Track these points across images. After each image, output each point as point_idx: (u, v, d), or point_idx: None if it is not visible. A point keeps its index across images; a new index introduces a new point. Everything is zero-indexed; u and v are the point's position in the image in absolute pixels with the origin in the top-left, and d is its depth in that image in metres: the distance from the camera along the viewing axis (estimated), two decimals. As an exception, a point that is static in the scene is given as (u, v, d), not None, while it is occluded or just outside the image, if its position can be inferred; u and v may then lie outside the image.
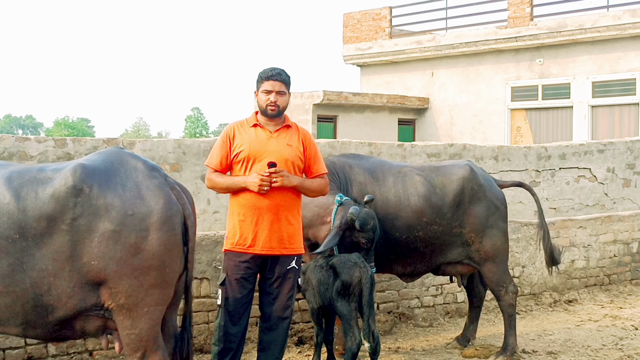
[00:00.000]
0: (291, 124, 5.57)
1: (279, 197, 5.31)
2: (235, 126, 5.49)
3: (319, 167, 5.57)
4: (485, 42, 22.08)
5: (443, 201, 6.66)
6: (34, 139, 7.59)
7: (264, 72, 5.45)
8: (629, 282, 10.19)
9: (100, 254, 4.08)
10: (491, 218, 6.81)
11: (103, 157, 4.34)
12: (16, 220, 4.06)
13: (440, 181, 6.74)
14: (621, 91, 20.00)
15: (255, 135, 5.41)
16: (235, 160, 5.38)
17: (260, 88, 5.45)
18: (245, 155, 5.34)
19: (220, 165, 5.41)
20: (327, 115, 22.28)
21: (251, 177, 5.25)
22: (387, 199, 6.56)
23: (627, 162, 13.58)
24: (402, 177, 6.68)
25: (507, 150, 12.06)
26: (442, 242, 6.70)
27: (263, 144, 5.37)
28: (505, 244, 6.90)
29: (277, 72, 5.44)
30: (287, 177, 5.27)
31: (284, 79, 5.45)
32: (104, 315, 4.23)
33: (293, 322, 7.20)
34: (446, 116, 23.52)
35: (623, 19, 19.39)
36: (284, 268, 5.41)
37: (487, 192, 6.84)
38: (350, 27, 25.71)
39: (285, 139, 5.44)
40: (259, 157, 5.33)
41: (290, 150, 5.42)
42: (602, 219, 10.05)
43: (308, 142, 5.56)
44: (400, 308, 8.03)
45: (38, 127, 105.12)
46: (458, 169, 6.83)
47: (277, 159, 5.31)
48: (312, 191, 5.53)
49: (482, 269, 6.85)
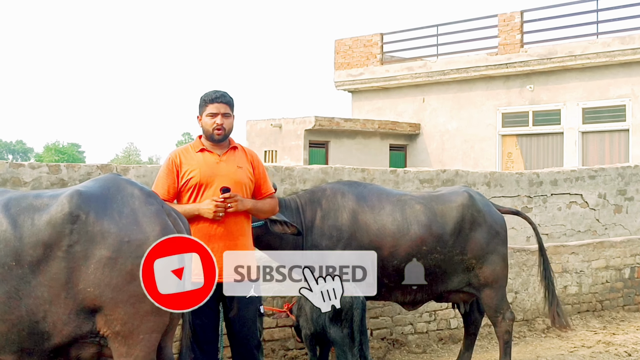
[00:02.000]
0: (237, 145, 5.44)
1: (231, 223, 5.20)
2: (180, 152, 5.33)
3: (267, 187, 5.49)
4: (476, 69, 22.24)
5: (444, 229, 6.62)
6: (27, 165, 7.58)
7: (207, 95, 5.32)
8: (622, 308, 10.21)
9: (96, 280, 4.06)
10: (492, 243, 6.80)
11: (100, 184, 4.33)
12: (13, 247, 4.04)
13: (441, 209, 6.70)
14: (611, 117, 20.15)
15: (204, 160, 5.26)
16: (185, 188, 5.23)
17: (204, 112, 5.31)
18: (196, 181, 5.20)
19: (167, 193, 5.19)
20: (318, 141, 22.36)
21: (204, 204, 5.12)
22: (383, 227, 6.50)
23: (618, 188, 13.64)
24: (402, 205, 6.63)
25: (499, 176, 12.10)
26: (444, 271, 6.66)
27: (213, 169, 5.24)
28: (504, 270, 6.90)
29: (220, 94, 5.30)
30: (240, 201, 5.17)
31: (228, 101, 5.32)
32: (99, 343, 4.21)
33: (287, 348, 7.19)
34: (437, 142, 23.61)
35: (612, 46, 19.57)
36: (243, 296, 5.26)
37: (487, 217, 6.85)
38: (342, 54, 25.87)
39: (234, 162, 5.32)
40: (210, 182, 5.20)
41: (241, 172, 5.30)
42: (594, 245, 10.08)
43: (256, 163, 5.46)
44: (393, 334, 8.02)
45: (28, 152, 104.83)
46: (457, 197, 6.81)
47: (229, 183, 5.19)
48: (264, 212, 5.48)
49: (480, 294, 6.83)
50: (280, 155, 22.68)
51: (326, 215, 6.48)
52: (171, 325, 4.47)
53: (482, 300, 6.90)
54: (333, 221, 6.45)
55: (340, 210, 6.52)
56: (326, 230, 6.42)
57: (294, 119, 22.37)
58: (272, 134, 23.06)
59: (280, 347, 7.14)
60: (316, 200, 6.56)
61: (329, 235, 6.41)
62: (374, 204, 6.61)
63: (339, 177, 9.61)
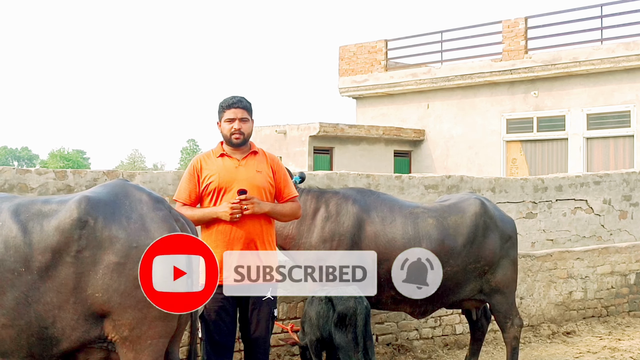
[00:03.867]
0: (258, 150, 5.48)
1: (251, 226, 5.25)
2: (202, 158, 5.44)
3: (289, 191, 5.50)
4: (480, 75, 22.26)
5: (456, 242, 6.55)
6: (34, 171, 7.62)
7: (224, 101, 5.40)
8: (627, 313, 10.20)
9: (105, 286, 4.09)
10: (504, 247, 6.79)
11: (108, 190, 4.36)
12: (22, 253, 4.07)
13: (454, 221, 6.63)
14: (616, 123, 20.14)
15: (223, 164, 5.34)
16: (205, 193, 5.31)
17: (222, 117, 5.39)
18: (215, 186, 5.27)
19: (189, 198, 5.32)
20: (323, 147, 22.39)
21: (221, 207, 5.19)
22: (393, 240, 6.40)
23: (623, 193, 13.64)
24: (414, 218, 6.54)
25: (504, 182, 12.12)
26: (456, 282, 6.60)
27: (232, 173, 5.31)
28: (514, 274, 6.88)
29: (237, 99, 5.38)
30: (257, 203, 5.20)
31: (245, 106, 5.38)
32: (107, 348, 4.23)
33: (292, 354, 7.19)
34: (442, 148, 23.62)
35: (617, 52, 19.57)
36: (259, 297, 5.32)
37: (499, 222, 6.82)
38: (346, 60, 25.91)
39: (254, 166, 5.37)
40: (229, 186, 5.26)
41: (260, 176, 5.35)
42: (599, 251, 10.07)
43: (277, 167, 5.49)
44: (399, 340, 8.02)
45: (34, 159, 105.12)
46: (469, 206, 6.74)
47: (247, 186, 5.24)
48: (285, 215, 5.47)
49: (491, 300, 6.80)
50: (284, 162, 22.69)
51: (329, 217, 6.45)
52: (178, 330, 4.49)
53: (492, 306, 6.86)
54: (335, 225, 6.41)
55: (347, 217, 6.47)
56: (326, 233, 6.40)
57: (299, 125, 22.41)
58: (277, 140, 23.10)
59: (285, 353, 7.15)
60: (325, 199, 6.53)
61: (330, 237, 6.38)
62: (385, 215, 6.53)
63: (344, 183, 9.63)
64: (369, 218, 6.50)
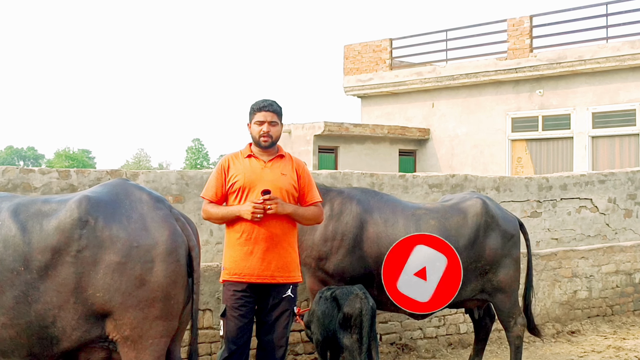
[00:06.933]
0: (285, 154, 5.61)
1: (273, 225, 5.34)
2: (230, 158, 5.56)
3: (313, 196, 5.59)
4: (485, 74, 22.21)
5: (458, 243, 6.56)
6: (37, 171, 7.61)
7: (256, 104, 5.54)
8: (632, 312, 10.17)
9: (106, 285, 4.09)
10: (505, 246, 6.79)
11: (108, 189, 4.36)
12: (22, 252, 4.07)
13: (455, 222, 6.65)
14: (621, 122, 20.08)
15: (250, 165, 5.46)
16: (231, 191, 5.43)
17: (252, 119, 5.53)
18: (240, 185, 5.39)
19: (215, 196, 5.45)
20: (328, 146, 22.37)
21: (245, 206, 5.29)
22: (395, 241, 6.37)
23: (629, 192, 13.59)
24: (416, 220, 6.57)
25: (508, 181, 12.08)
26: None
27: (257, 174, 5.42)
28: (516, 273, 6.87)
29: (268, 103, 5.51)
30: (281, 204, 5.30)
31: (275, 110, 5.52)
32: (108, 347, 4.23)
33: (296, 353, 7.19)
34: (447, 147, 23.59)
35: (622, 51, 19.51)
36: (280, 296, 5.40)
37: (500, 221, 6.82)
38: (351, 59, 25.88)
39: (279, 169, 5.49)
40: (253, 186, 5.37)
41: (284, 179, 5.45)
42: (604, 250, 10.05)
43: (302, 171, 5.59)
44: (403, 339, 8.01)
45: (39, 159, 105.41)
46: (470, 206, 6.76)
47: (271, 187, 5.34)
48: (307, 219, 5.55)
49: (493, 299, 6.81)
50: (289, 161, 22.62)
51: (333, 216, 6.47)
52: (179, 330, 4.49)
53: (495, 306, 6.86)
54: (338, 224, 6.44)
55: (350, 216, 6.50)
56: (329, 231, 6.41)
57: (304, 125, 22.39)
58: (282, 139, 22.88)
59: (289, 352, 7.15)
60: (330, 197, 6.55)
61: (332, 236, 6.40)
62: (387, 217, 6.56)
63: (348, 182, 9.61)
64: (371, 219, 6.53)
